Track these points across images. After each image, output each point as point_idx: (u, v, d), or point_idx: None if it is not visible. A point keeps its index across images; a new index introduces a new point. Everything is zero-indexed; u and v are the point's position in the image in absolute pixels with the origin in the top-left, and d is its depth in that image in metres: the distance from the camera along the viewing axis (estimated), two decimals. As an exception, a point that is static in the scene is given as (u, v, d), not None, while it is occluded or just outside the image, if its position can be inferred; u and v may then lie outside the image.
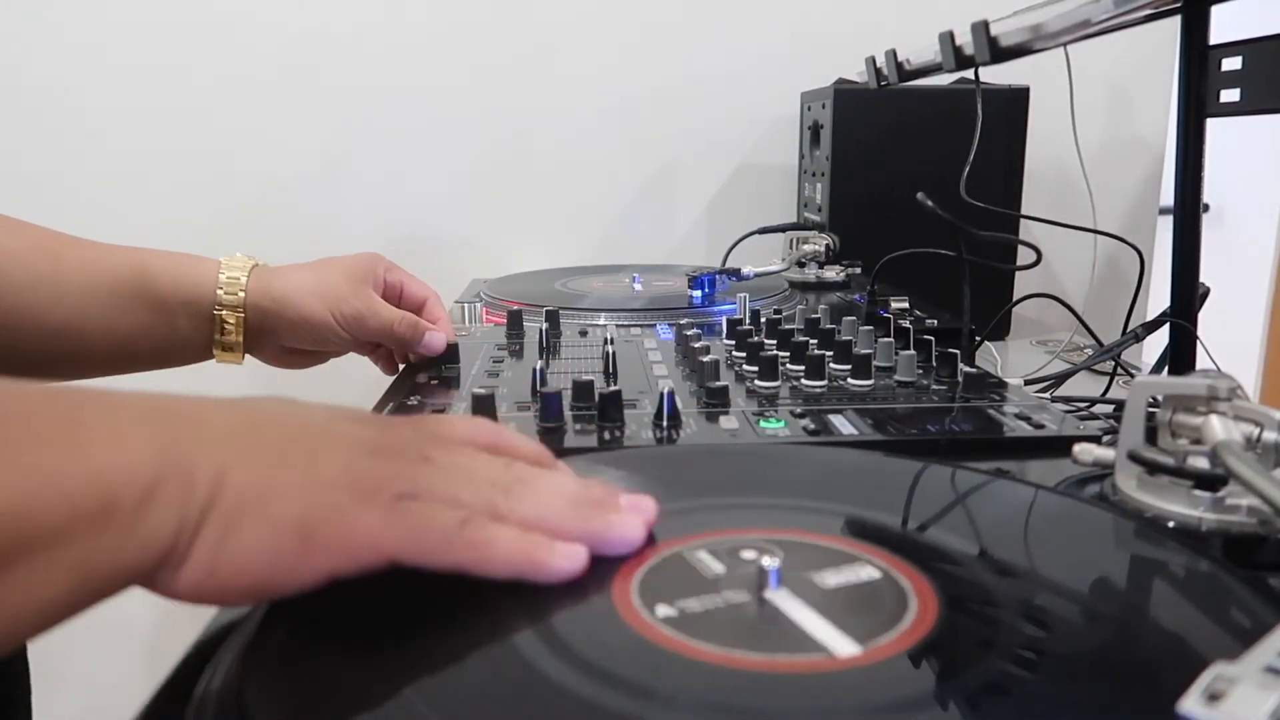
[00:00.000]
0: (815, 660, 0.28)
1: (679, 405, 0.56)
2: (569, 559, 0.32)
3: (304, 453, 0.31)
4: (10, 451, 0.25)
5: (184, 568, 0.28)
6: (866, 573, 0.34)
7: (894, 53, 0.93)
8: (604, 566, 0.34)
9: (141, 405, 0.30)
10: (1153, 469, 0.41)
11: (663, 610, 0.31)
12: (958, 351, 0.65)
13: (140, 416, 0.29)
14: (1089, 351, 0.87)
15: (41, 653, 0.69)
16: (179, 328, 0.67)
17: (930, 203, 0.74)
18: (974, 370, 0.64)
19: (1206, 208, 0.78)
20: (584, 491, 0.35)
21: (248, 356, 0.71)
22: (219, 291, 0.68)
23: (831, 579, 0.33)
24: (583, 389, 0.57)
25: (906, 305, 0.85)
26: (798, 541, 0.36)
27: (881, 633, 0.30)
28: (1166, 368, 0.81)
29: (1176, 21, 0.75)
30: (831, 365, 0.66)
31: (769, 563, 0.32)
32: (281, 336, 0.70)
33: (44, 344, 0.62)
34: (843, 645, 0.29)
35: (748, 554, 0.35)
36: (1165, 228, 0.87)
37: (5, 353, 0.61)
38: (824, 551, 0.35)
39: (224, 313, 0.68)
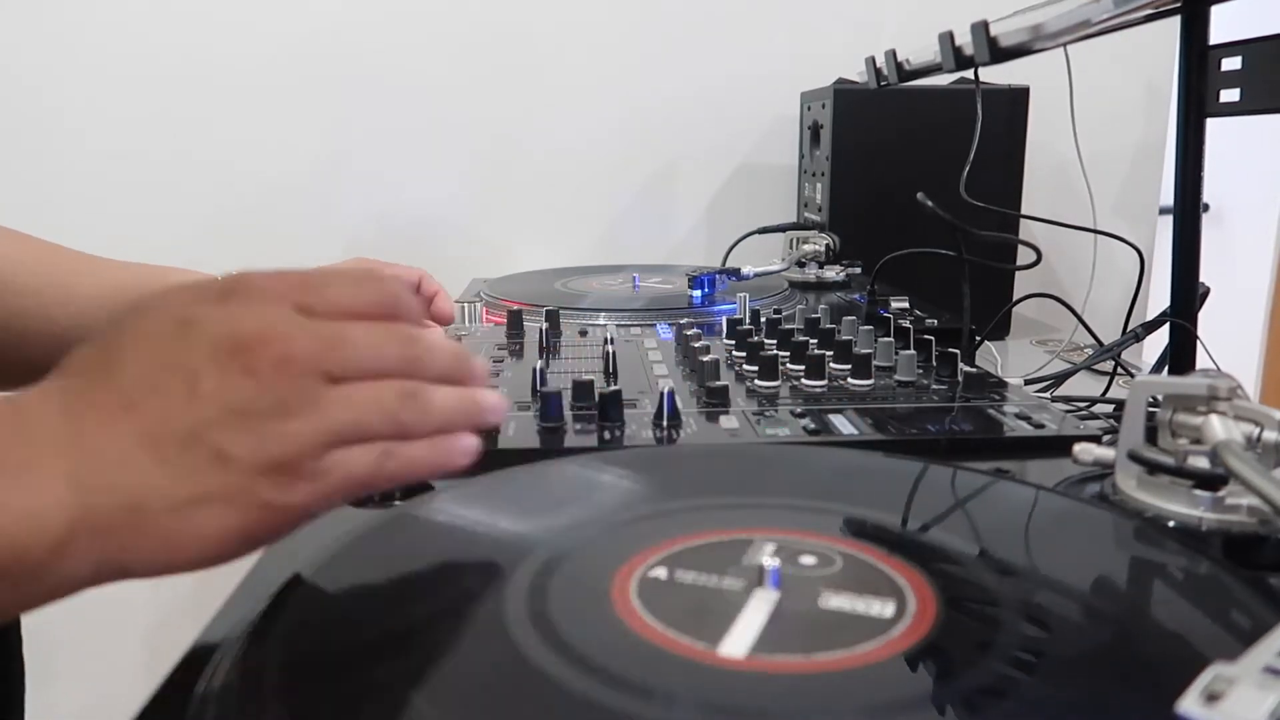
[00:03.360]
0: (814, 660, 0.28)
1: (679, 405, 0.56)
2: (469, 454, 0.36)
3: (208, 452, 0.30)
4: None
5: (133, 574, 0.30)
6: (865, 573, 0.34)
7: (894, 53, 0.93)
8: (604, 566, 0.34)
9: (39, 436, 0.29)
10: (1153, 469, 0.41)
11: (663, 610, 0.31)
12: (958, 351, 0.65)
13: (44, 456, 0.29)
14: (1089, 351, 0.87)
15: (40, 651, 0.69)
16: None
17: (930, 203, 0.74)
18: (974, 370, 0.64)
19: (1206, 208, 0.78)
20: (461, 361, 0.37)
21: None
22: None
23: (831, 580, 0.33)
24: (583, 389, 0.57)
25: (906, 305, 0.85)
26: (798, 542, 0.36)
27: (880, 633, 0.30)
28: (1166, 368, 0.81)
29: (1176, 21, 0.75)
30: (831, 365, 0.66)
31: (769, 563, 0.32)
32: None
33: (52, 347, 0.62)
34: (842, 646, 0.29)
35: (748, 554, 0.35)
36: (1165, 228, 0.87)
37: (15, 354, 0.61)
38: (823, 552, 0.35)
39: None
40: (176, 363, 0.31)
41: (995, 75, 0.86)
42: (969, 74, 0.83)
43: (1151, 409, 0.43)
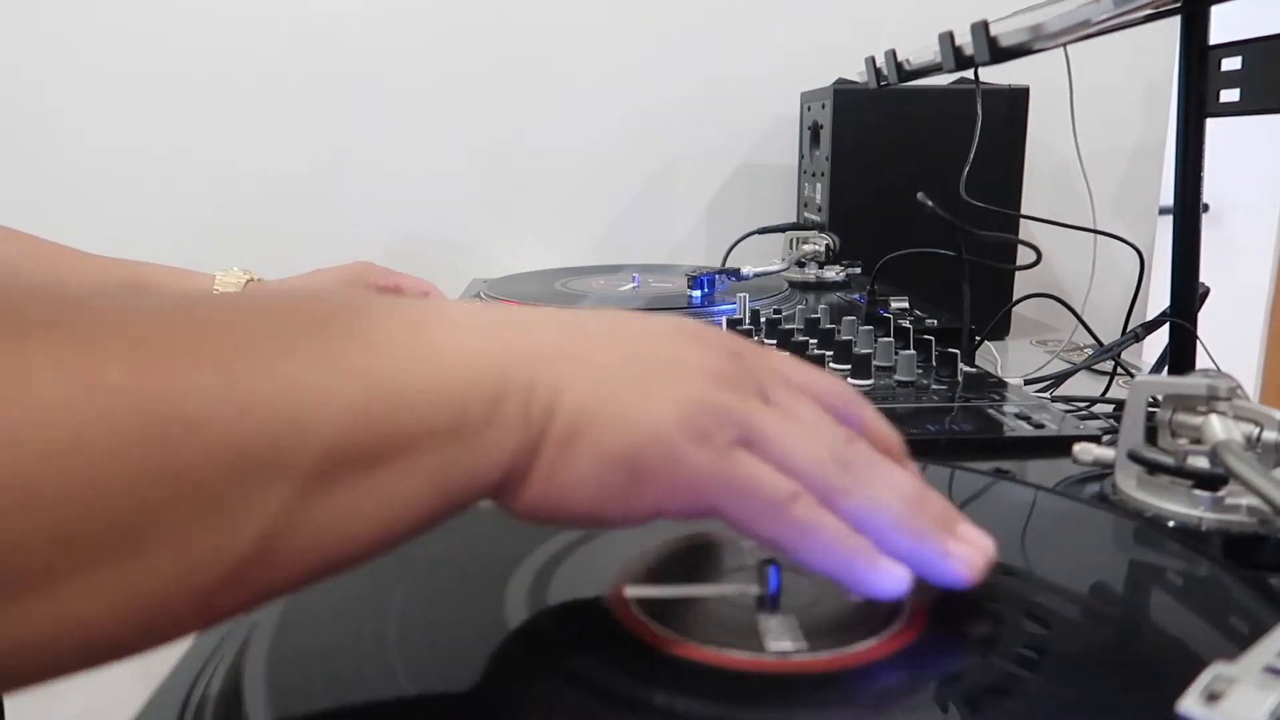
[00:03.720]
0: (812, 660, 0.28)
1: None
2: (890, 581, 0.29)
3: (639, 375, 0.29)
4: (359, 357, 0.25)
5: (524, 487, 0.28)
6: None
7: (894, 53, 0.93)
8: (602, 566, 0.34)
9: (474, 316, 0.29)
10: (1153, 469, 0.41)
11: (660, 609, 0.31)
12: (958, 351, 0.65)
13: (477, 328, 0.28)
14: (1089, 351, 0.87)
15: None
16: None
17: (930, 203, 0.74)
18: (974, 370, 0.64)
19: (1206, 208, 0.78)
20: (927, 497, 0.31)
21: None
22: None
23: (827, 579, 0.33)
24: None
25: (906, 305, 0.85)
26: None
27: (877, 633, 0.30)
28: (1166, 367, 0.81)
29: (1176, 21, 0.75)
30: (831, 365, 0.66)
31: (768, 563, 0.32)
32: None
33: None
34: (837, 646, 0.29)
35: (747, 553, 0.35)
36: (1165, 228, 0.87)
37: None
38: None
39: None
40: (628, 321, 0.31)
41: (995, 75, 0.86)
42: (969, 74, 0.83)
43: (1151, 409, 0.43)
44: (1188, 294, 0.78)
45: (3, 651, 0.21)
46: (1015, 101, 1.07)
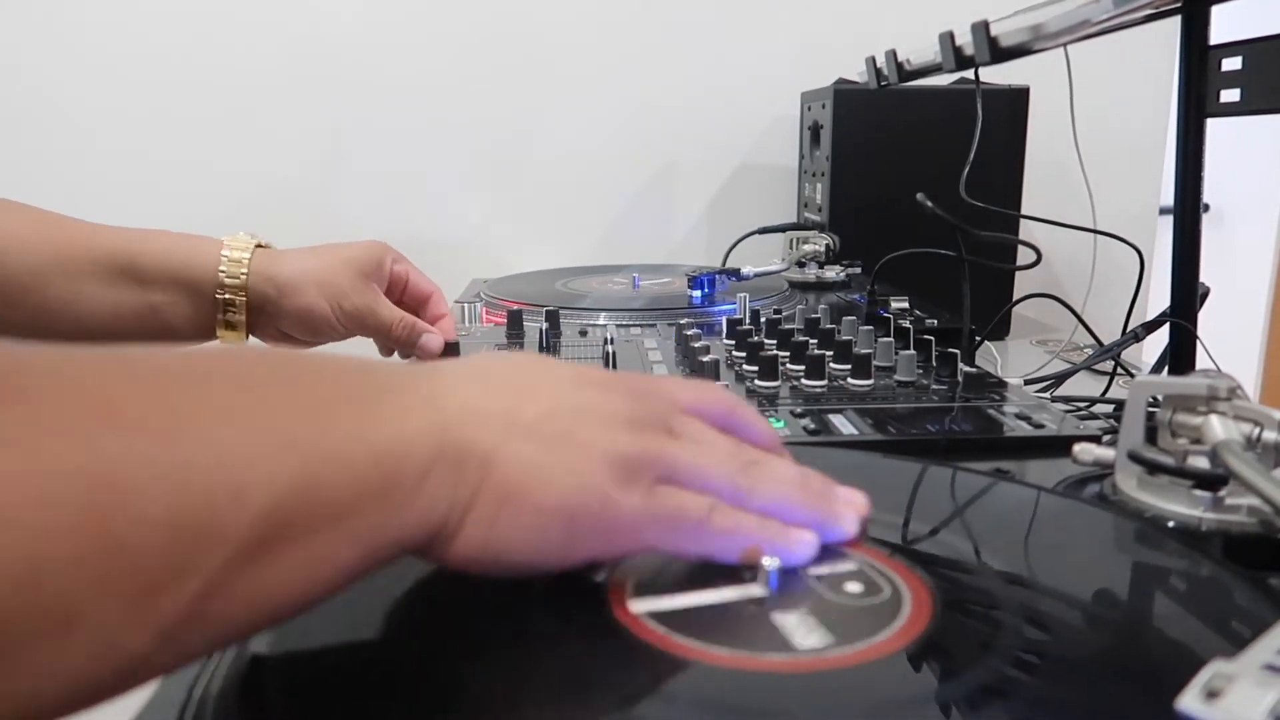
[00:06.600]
0: (811, 660, 0.28)
1: (679, 405, 0.55)
2: (804, 546, 0.34)
3: (564, 429, 0.31)
4: (297, 427, 0.26)
5: (456, 541, 0.29)
6: (864, 573, 0.34)
7: (894, 53, 0.93)
8: (600, 566, 0.34)
9: (407, 381, 0.30)
10: (1153, 469, 0.41)
11: (661, 610, 0.31)
12: (958, 351, 0.65)
13: (411, 393, 0.30)
14: (1089, 351, 0.87)
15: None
16: (170, 305, 0.67)
17: (930, 203, 0.74)
18: (974, 370, 0.64)
19: (1206, 208, 0.78)
20: (807, 479, 0.36)
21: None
22: (220, 273, 0.67)
23: (829, 580, 0.33)
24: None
25: (906, 305, 0.85)
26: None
27: (877, 633, 0.30)
28: (1166, 368, 0.81)
29: (1176, 21, 0.75)
30: (831, 365, 0.66)
31: (768, 563, 0.32)
32: (280, 321, 0.70)
33: (45, 326, 0.63)
34: (837, 646, 0.29)
35: (747, 554, 0.35)
36: (1165, 228, 0.87)
37: (11, 335, 0.61)
38: (822, 552, 0.35)
39: (226, 295, 0.67)
40: (540, 371, 0.34)
41: (995, 75, 0.86)
42: (969, 74, 0.83)
43: (1151, 409, 0.43)
44: (1188, 294, 0.78)
45: None
46: (1015, 101, 1.07)
